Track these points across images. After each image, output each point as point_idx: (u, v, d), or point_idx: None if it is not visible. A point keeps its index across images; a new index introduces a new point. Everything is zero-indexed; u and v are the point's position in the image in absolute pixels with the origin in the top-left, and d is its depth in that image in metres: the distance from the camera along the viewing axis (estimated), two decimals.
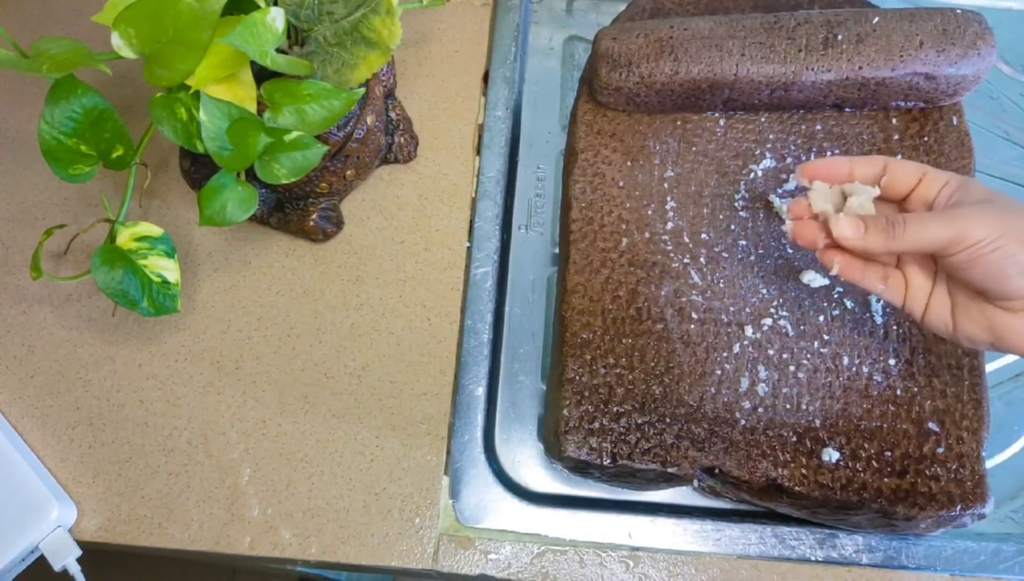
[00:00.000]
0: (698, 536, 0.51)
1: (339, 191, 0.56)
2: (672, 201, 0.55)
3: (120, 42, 0.44)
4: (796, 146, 0.56)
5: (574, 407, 0.50)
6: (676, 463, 0.48)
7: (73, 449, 0.53)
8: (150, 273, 0.49)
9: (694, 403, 0.50)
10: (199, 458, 0.53)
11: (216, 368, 0.55)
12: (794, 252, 0.53)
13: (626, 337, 0.51)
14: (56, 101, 0.46)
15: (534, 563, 0.51)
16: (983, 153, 0.57)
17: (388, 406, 0.54)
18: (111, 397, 0.54)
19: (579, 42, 0.67)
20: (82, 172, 0.49)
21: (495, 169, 0.60)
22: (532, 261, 0.60)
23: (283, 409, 0.54)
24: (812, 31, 0.53)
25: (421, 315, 0.56)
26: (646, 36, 0.54)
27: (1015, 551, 0.51)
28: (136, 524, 0.51)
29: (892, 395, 0.50)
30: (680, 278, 0.53)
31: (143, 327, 0.56)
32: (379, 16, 0.48)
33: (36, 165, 0.60)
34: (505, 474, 0.54)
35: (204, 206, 0.48)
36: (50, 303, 0.56)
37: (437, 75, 0.63)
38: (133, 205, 0.56)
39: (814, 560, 0.51)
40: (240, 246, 0.58)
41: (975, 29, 0.53)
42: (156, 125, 0.47)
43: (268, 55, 0.45)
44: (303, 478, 0.52)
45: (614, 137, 0.56)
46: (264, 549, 0.51)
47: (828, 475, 0.48)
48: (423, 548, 0.51)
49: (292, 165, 0.49)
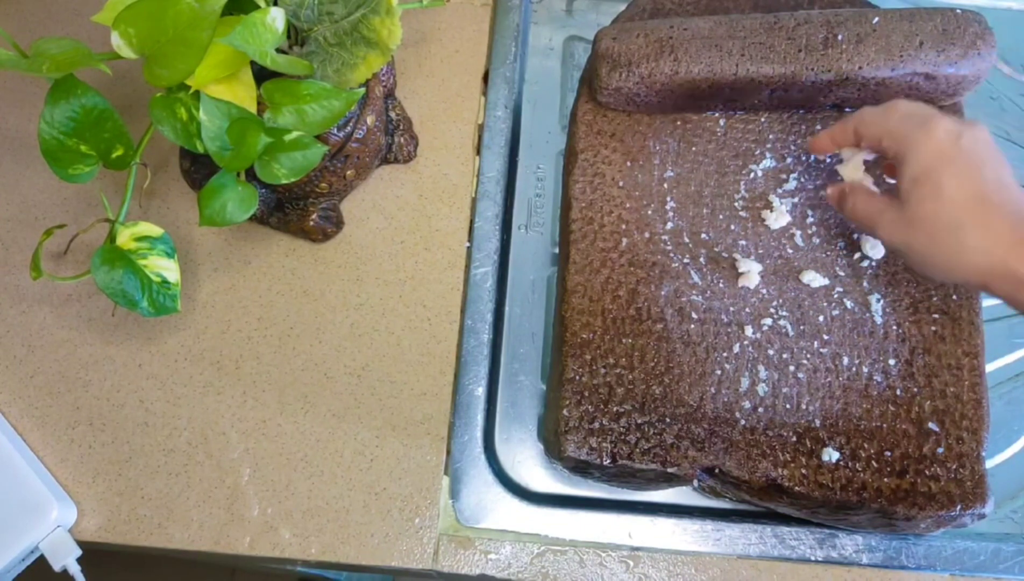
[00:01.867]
0: (698, 536, 0.51)
1: (339, 191, 0.56)
2: (672, 201, 0.55)
3: (120, 42, 0.44)
4: (796, 146, 0.56)
5: (574, 407, 0.50)
6: (676, 463, 0.48)
7: (73, 449, 0.53)
8: (150, 273, 0.49)
9: (694, 403, 0.50)
10: (199, 458, 0.53)
11: (216, 368, 0.55)
12: (794, 252, 0.53)
13: (626, 337, 0.51)
14: (56, 101, 0.46)
15: (534, 563, 0.51)
16: None
17: (388, 406, 0.54)
18: (111, 397, 0.54)
19: (579, 42, 0.67)
20: (82, 172, 0.49)
21: (495, 169, 0.60)
22: (532, 261, 0.60)
23: (283, 409, 0.54)
24: (812, 31, 0.53)
25: (421, 315, 0.56)
26: (646, 36, 0.54)
27: (1015, 551, 0.51)
28: (136, 524, 0.51)
29: (892, 395, 0.50)
30: (680, 278, 0.53)
31: (143, 327, 0.56)
32: (379, 16, 0.48)
33: (36, 165, 0.60)
34: (505, 474, 0.54)
35: (204, 206, 0.48)
36: (50, 303, 0.56)
37: (437, 75, 0.63)
38: (133, 205, 0.56)
39: (814, 560, 0.51)
40: (240, 246, 0.58)
41: (975, 29, 0.53)
42: (156, 125, 0.47)
43: (268, 55, 0.45)
44: (303, 478, 0.52)
45: (614, 137, 0.56)
46: (264, 549, 0.51)
47: (828, 475, 0.48)
48: (423, 548, 0.51)
49: (292, 165, 0.49)
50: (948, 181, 0.42)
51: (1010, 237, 0.40)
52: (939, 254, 0.43)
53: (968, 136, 0.43)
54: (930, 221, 0.43)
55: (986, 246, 0.41)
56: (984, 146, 0.43)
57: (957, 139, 0.43)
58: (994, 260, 0.41)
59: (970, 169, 0.42)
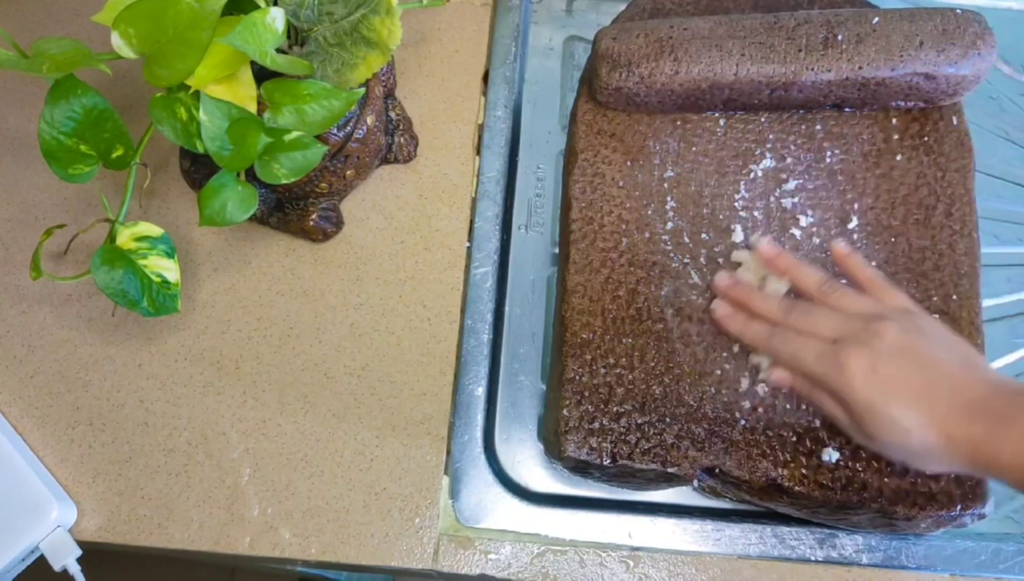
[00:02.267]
0: (698, 536, 0.51)
1: (339, 191, 0.56)
2: (672, 201, 0.55)
3: (120, 42, 0.44)
4: (796, 146, 0.56)
5: (574, 407, 0.50)
6: (676, 463, 0.48)
7: (73, 449, 0.53)
8: (150, 273, 0.49)
9: (694, 403, 0.50)
10: (199, 458, 0.53)
11: (216, 368, 0.55)
12: (793, 253, 0.53)
13: (626, 337, 0.51)
14: (56, 101, 0.46)
15: (534, 563, 0.51)
16: (983, 153, 0.57)
17: (388, 406, 0.54)
18: (111, 397, 0.54)
19: (579, 42, 0.67)
20: (82, 172, 0.49)
21: (495, 169, 0.60)
22: (532, 261, 0.60)
23: (283, 409, 0.54)
24: (812, 31, 0.53)
25: (421, 315, 0.56)
26: (646, 36, 0.54)
27: (1015, 551, 0.51)
28: (136, 524, 0.51)
29: None
30: (680, 278, 0.53)
31: (143, 327, 0.56)
32: (379, 16, 0.48)
33: (36, 165, 0.60)
34: (505, 474, 0.54)
35: (204, 206, 0.48)
36: (50, 303, 0.56)
37: (437, 75, 0.63)
38: (133, 205, 0.56)
39: (814, 560, 0.51)
40: (240, 246, 0.58)
41: (975, 29, 0.53)
42: (156, 125, 0.47)
43: (268, 55, 0.45)
44: (303, 478, 0.52)
45: (614, 137, 0.56)
46: (264, 549, 0.51)
47: (828, 475, 0.48)
48: (423, 548, 0.51)
49: (292, 165, 0.49)
50: (895, 411, 0.40)
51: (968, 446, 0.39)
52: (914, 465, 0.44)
53: (883, 359, 0.41)
54: (895, 450, 0.42)
55: (952, 456, 0.40)
56: (904, 338, 0.41)
57: (875, 364, 0.41)
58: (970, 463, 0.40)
59: (904, 383, 0.40)
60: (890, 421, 0.40)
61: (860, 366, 0.41)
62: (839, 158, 0.55)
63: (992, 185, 0.63)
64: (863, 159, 0.55)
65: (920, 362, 0.41)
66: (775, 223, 0.54)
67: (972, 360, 0.42)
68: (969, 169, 0.55)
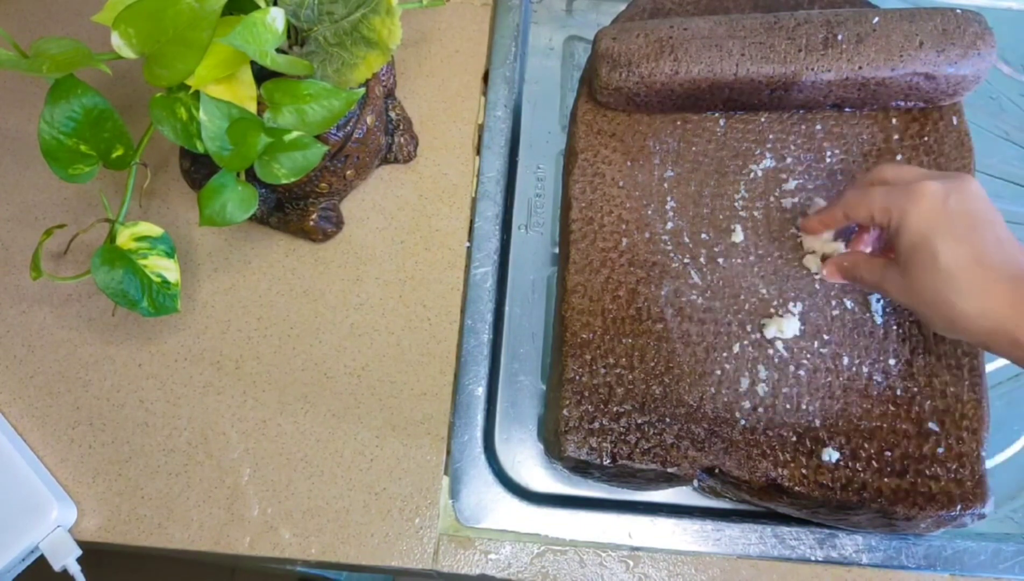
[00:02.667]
0: (698, 536, 0.51)
1: (339, 191, 0.56)
2: (672, 201, 0.55)
3: (120, 42, 0.44)
4: (796, 146, 0.56)
5: (574, 407, 0.50)
6: (676, 463, 0.48)
7: (73, 449, 0.53)
8: (150, 273, 0.49)
9: (694, 403, 0.50)
10: (199, 458, 0.53)
11: (216, 368, 0.55)
12: (794, 253, 0.53)
13: (626, 337, 0.51)
14: (56, 101, 0.46)
15: (534, 563, 0.51)
16: (983, 153, 0.57)
17: (388, 406, 0.54)
18: (111, 397, 0.54)
19: (579, 42, 0.67)
20: (82, 172, 0.49)
21: (495, 169, 0.60)
22: (532, 261, 0.60)
23: (283, 409, 0.54)
24: (812, 31, 0.53)
25: (421, 315, 0.56)
26: (646, 36, 0.54)
27: (1015, 551, 0.51)
28: (136, 524, 0.51)
29: (892, 395, 0.50)
30: (680, 278, 0.53)
31: (143, 327, 0.56)
32: (379, 16, 0.48)
33: (36, 165, 0.60)
34: (505, 474, 0.54)
35: (204, 206, 0.48)
36: (50, 303, 0.57)
37: (437, 75, 0.63)
38: (133, 205, 0.56)
39: (814, 560, 0.51)
40: (240, 246, 0.58)
41: (975, 29, 0.53)
42: (156, 125, 0.47)
43: (268, 55, 0.45)
44: (303, 478, 0.52)
45: (614, 137, 0.56)
46: (264, 549, 0.51)
47: (828, 475, 0.48)
48: (423, 548, 0.51)
49: (292, 165, 0.49)
50: (942, 248, 0.42)
51: (1008, 299, 0.40)
52: (940, 318, 0.43)
53: (955, 196, 0.43)
54: (929, 290, 0.43)
55: (984, 310, 0.41)
56: (974, 202, 0.43)
57: (945, 201, 0.43)
58: (993, 324, 0.41)
59: (963, 232, 0.42)
60: (936, 253, 0.42)
61: (935, 190, 0.43)
62: (839, 158, 0.55)
63: (992, 185, 0.63)
64: (863, 159, 0.55)
65: (988, 215, 0.43)
66: (775, 223, 0.54)
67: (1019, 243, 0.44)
68: (969, 169, 0.55)
